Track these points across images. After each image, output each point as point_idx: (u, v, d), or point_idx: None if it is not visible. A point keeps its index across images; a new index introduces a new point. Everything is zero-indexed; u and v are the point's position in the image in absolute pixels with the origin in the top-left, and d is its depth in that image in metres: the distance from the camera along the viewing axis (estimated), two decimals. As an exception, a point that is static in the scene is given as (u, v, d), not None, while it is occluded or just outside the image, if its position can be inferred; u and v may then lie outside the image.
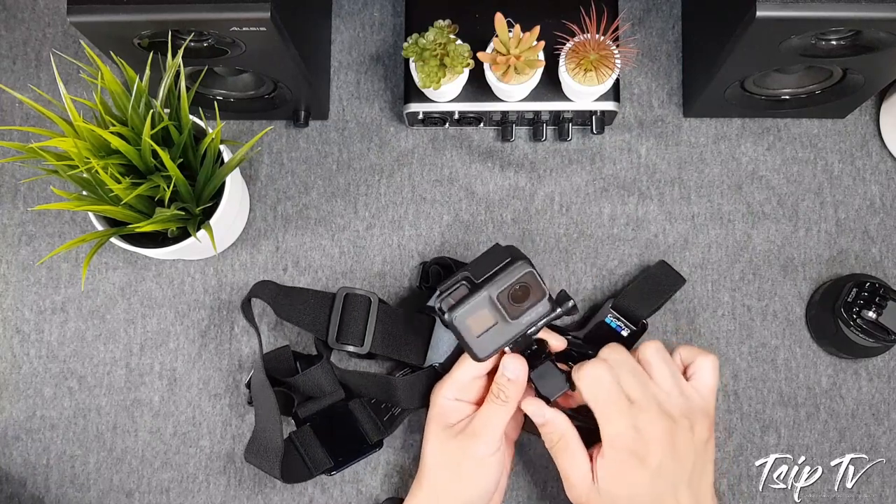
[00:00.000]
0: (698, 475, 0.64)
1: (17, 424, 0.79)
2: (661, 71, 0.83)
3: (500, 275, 0.64)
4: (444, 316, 0.64)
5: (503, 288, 0.63)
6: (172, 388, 0.79)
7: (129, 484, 0.78)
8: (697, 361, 0.67)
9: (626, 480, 0.63)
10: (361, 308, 0.74)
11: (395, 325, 0.75)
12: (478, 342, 0.64)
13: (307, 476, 0.73)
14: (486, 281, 0.64)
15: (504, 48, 0.70)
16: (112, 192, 0.65)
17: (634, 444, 0.62)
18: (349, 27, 0.84)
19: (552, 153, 0.81)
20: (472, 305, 0.63)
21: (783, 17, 0.60)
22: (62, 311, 0.80)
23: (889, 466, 0.76)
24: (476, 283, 0.64)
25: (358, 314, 0.74)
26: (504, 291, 0.63)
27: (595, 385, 0.64)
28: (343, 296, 0.75)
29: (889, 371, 0.78)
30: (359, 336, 0.74)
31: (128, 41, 0.65)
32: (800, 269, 0.79)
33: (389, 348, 0.74)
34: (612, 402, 0.63)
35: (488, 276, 0.64)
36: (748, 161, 0.81)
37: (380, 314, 0.75)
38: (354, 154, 0.82)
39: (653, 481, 0.62)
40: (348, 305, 0.74)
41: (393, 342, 0.75)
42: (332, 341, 0.74)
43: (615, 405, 0.63)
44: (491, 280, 0.64)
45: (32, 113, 0.84)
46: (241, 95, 0.77)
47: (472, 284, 0.64)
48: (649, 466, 0.62)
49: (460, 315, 0.63)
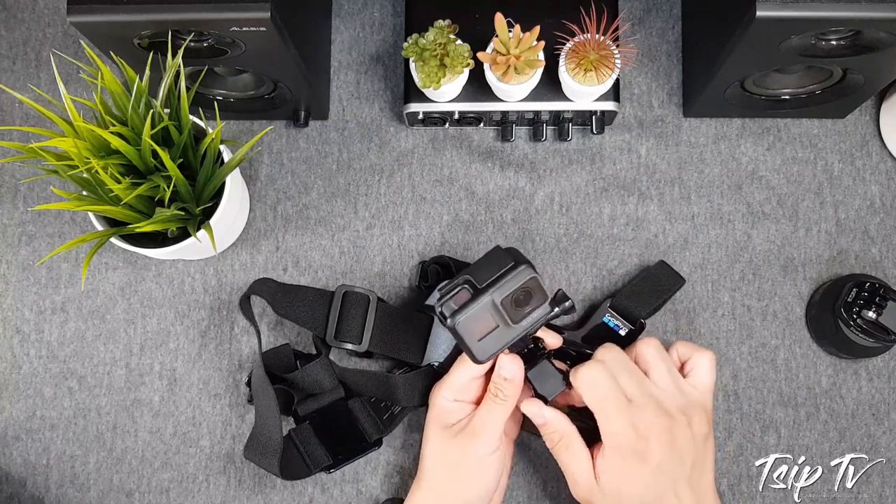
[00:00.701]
0: (699, 471, 0.64)
1: (17, 424, 0.79)
2: (661, 71, 0.83)
3: (503, 280, 0.64)
4: (445, 321, 0.64)
5: (506, 294, 0.63)
6: (172, 388, 0.79)
7: (129, 484, 0.78)
8: (694, 358, 0.67)
9: (628, 478, 0.63)
10: (360, 306, 0.74)
11: (394, 323, 0.75)
12: (479, 346, 0.64)
13: (306, 473, 0.73)
14: (488, 286, 0.64)
15: (504, 48, 0.70)
16: (112, 192, 0.65)
17: (634, 443, 0.63)
18: (349, 27, 0.84)
19: (552, 153, 0.81)
20: (475, 311, 0.63)
21: (783, 17, 0.60)
22: (62, 311, 0.80)
23: (889, 466, 0.76)
24: (478, 288, 0.64)
25: (356, 312, 0.74)
26: (507, 297, 0.63)
27: (592, 386, 0.64)
28: (342, 293, 0.75)
29: (889, 371, 0.78)
30: (357, 334, 0.74)
31: (128, 41, 0.65)
32: (800, 269, 0.79)
33: (388, 347, 0.74)
34: (609, 402, 0.63)
35: (490, 280, 0.64)
36: (748, 161, 0.81)
37: (378, 312, 0.75)
38: (354, 154, 0.82)
39: (654, 478, 0.63)
40: (347, 303, 0.74)
41: (391, 340, 0.75)
42: (330, 339, 0.74)
43: (613, 404, 0.63)
44: (493, 285, 0.64)
45: (32, 113, 0.84)
46: (241, 95, 0.77)
47: (475, 289, 0.64)
48: (650, 464, 0.62)
49: (463, 321, 0.63)
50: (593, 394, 0.64)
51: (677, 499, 0.63)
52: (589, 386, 0.64)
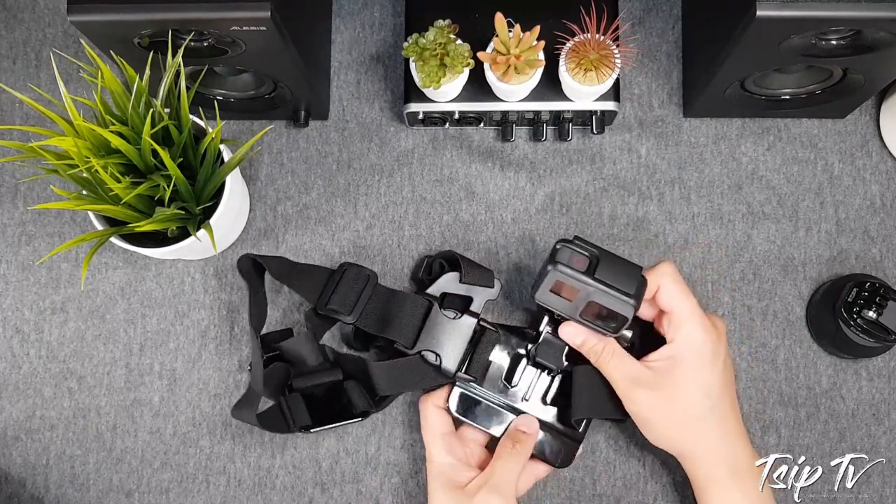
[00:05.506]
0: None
1: (17, 424, 0.79)
2: (661, 71, 0.83)
3: (614, 293, 0.64)
4: (553, 260, 0.65)
5: (603, 303, 0.65)
6: (172, 388, 0.79)
7: (129, 484, 0.78)
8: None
9: (702, 368, 0.67)
10: (359, 281, 0.74)
11: (390, 304, 0.74)
12: (546, 293, 0.66)
13: (285, 430, 0.74)
14: (600, 281, 0.64)
15: (504, 48, 0.70)
16: (112, 192, 0.65)
17: (713, 334, 0.67)
18: (349, 27, 0.84)
19: (552, 153, 0.81)
20: (573, 280, 0.64)
21: (783, 17, 0.60)
22: (62, 311, 0.80)
23: (889, 466, 0.76)
24: (594, 274, 0.65)
25: (354, 286, 0.74)
26: (601, 304, 0.65)
27: (676, 278, 0.68)
28: (344, 269, 0.75)
29: (889, 371, 0.78)
30: (349, 305, 0.74)
31: (128, 41, 0.65)
32: (800, 269, 0.79)
33: (377, 324, 0.74)
34: (688, 290, 0.68)
35: (607, 283, 0.64)
36: (748, 161, 0.81)
37: (377, 290, 0.74)
38: (354, 154, 0.82)
39: (724, 370, 0.68)
40: (347, 277, 0.74)
41: (382, 319, 0.74)
42: (321, 306, 0.74)
43: (692, 297, 0.68)
44: (605, 286, 0.64)
45: (32, 113, 0.84)
46: (241, 95, 0.77)
47: (591, 269, 0.65)
48: (720, 356, 0.67)
49: (560, 275, 0.64)
50: (679, 285, 0.68)
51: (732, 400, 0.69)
52: (675, 278, 0.68)
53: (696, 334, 0.67)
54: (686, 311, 0.67)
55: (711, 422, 0.67)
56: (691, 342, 0.67)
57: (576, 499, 0.76)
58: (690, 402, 0.67)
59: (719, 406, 0.67)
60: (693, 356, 0.67)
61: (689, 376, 0.67)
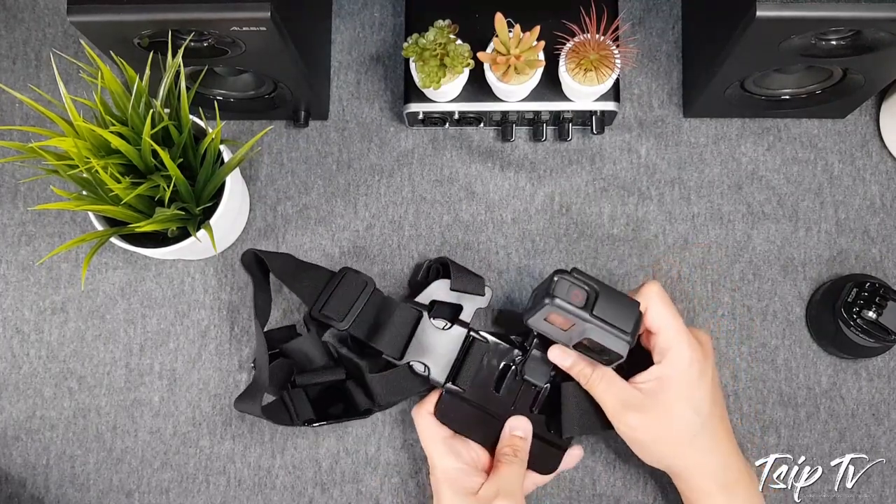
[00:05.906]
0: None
1: (17, 424, 0.79)
2: (661, 71, 0.83)
3: (610, 330, 0.63)
4: (550, 293, 0.63)
5: (596, 340, 0.64)
6: (172, 388, 0.79)
7: (129, 484, 0.78)
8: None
9: (689, 386, 0.67)
10: (355, 288, 0.74)
11: (381, 312, 0.74)
12: (541, 321, 0.65)
13: (288, 422, 0.74)
14: (597, 318, 0.63)
15: (504, 48, 0.70)
16: (112, 192, 0.65)
17: (700, 353, 0.67)
18: (349, 27, 0.84)
19: (552, 153, 0.81)
20: (569, 314, 0.63)
21: (783, 17, 0.60)
22: (62, 311, 0.80)
23: (889, 466, 0.76)
24: (591, 310, 0.63)
25: (349, 292, 0.74)
26: (595, 340, 0.64)
27: (665, 299, 0.68)
28: (343, 274, 0.75)
29: (889, 371, 0.78)
30: (343, 312, 0.73)
31: (128, 41, 0.65)
32: (800, 269, 0.79)
33: (368, 333, 0.74)
34: (677, 314, 0.68)
35: (603, 319, 0.63)
36: (748, 161, 0.81)
37: (372, 298, 0.74)
38: (354, 154, 0.82)
39: (712, 388, 0.68)
40: (344, 283, 0.74)
41: (372, 328, 0.74)
42: (316, 311, 0.74)
43: (679, 318, 0.68)
44: (601, 322, 0.63)
45: (32, 113, 0.84)
46: (241, 95, 0.77)
47: (590, 306, 0.63)
48: (707, 375, 0.67)
49: (557, 307, 0.63)
50: (667, 306, 0.67)
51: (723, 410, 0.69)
52: (662, 298, 0.67)
53: (683, 354, 0.67)
54: (673, 332, 0.67)
55: (702, 438, 0.67)
56: (679, 362, 0.67)
57: (576, 499, 0.76)
58: (681, 422, 0.67)
59: (709, 422, 0.67)
60: (681, 376, 0.67)
61: (678, 396, 0.67)
